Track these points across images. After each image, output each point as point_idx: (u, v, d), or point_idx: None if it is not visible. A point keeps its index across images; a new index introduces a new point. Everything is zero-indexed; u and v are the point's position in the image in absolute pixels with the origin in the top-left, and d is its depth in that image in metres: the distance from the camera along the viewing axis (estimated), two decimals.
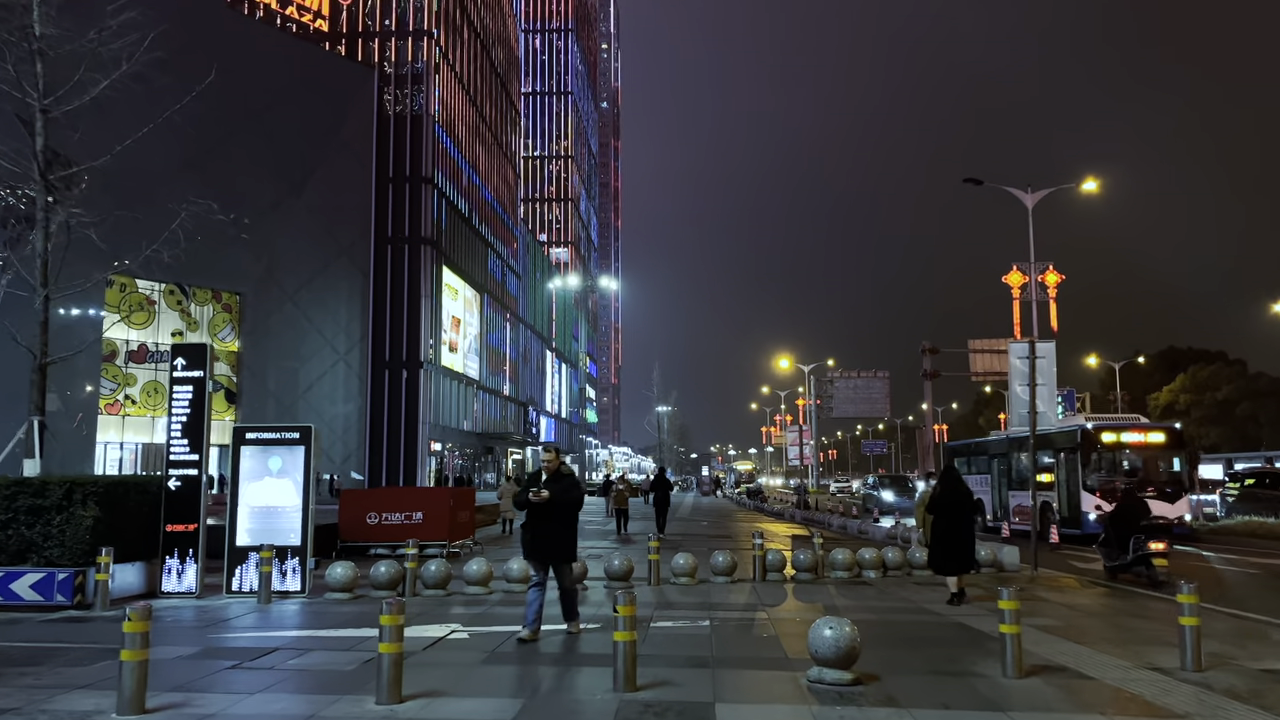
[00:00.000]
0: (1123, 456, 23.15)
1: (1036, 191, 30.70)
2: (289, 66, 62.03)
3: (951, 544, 11.58)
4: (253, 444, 11.20)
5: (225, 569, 11.06)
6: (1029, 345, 14.88)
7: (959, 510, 11.67)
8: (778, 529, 26.84)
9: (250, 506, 11.00)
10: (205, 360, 11.62)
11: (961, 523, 11.64)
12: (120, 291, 55.72)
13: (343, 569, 10.92)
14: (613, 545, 19.24)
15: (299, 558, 10.95)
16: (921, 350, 43.74)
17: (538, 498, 8.45)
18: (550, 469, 8.76)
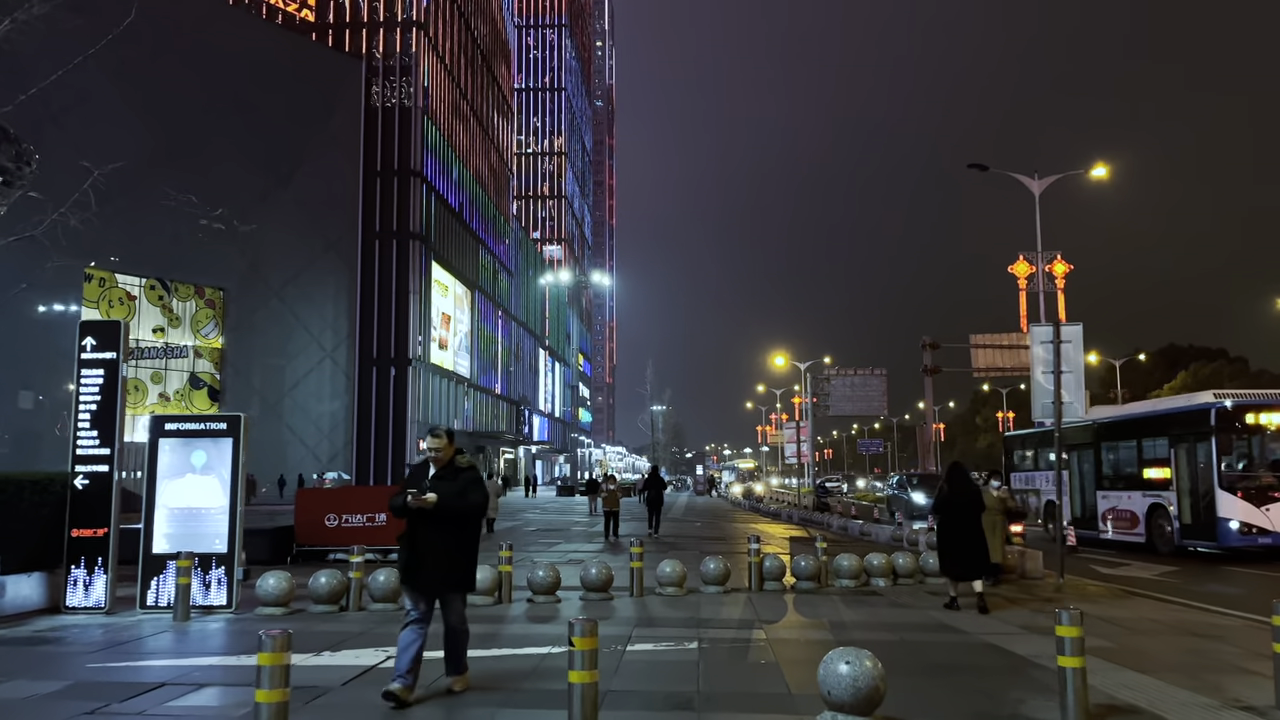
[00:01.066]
0: (1274, 443, 17.87)
1: (1044, 178, 29.36)
2: (275, 57, 60.56)
3: (962, 546, 10.69)
4: (173, 435, 9.73)
5: (139, 580, 9.58)
6: (1053, 329, 13.46)
7: (968, 510, 10.83)
8: (774, 530, 25.40)
9: (169, 508, 9.53)
10: (119, 340, 10.16)
11: (972, 524, 10.81)
12: (100, 286, 54.13)
13: (275, 580, 9.45)
14: (599, 550, 17.77)
15: (225, 567, 9.49)
16: (922, 345, 42.43)
17: (419, 503, 6.06)
18: (441, 461, 6.36)
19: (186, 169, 55.28)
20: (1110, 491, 21.04)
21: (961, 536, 10.67)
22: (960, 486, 11.01)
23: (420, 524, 6.12)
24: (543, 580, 10.35)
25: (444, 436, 6.47)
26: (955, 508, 10.83)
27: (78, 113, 50.79)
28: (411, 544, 6.19)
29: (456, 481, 6.26)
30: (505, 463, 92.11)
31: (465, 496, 6.21)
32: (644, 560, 11.23)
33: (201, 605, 9.48)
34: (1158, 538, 18.98)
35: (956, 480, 11.16)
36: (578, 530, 23.38)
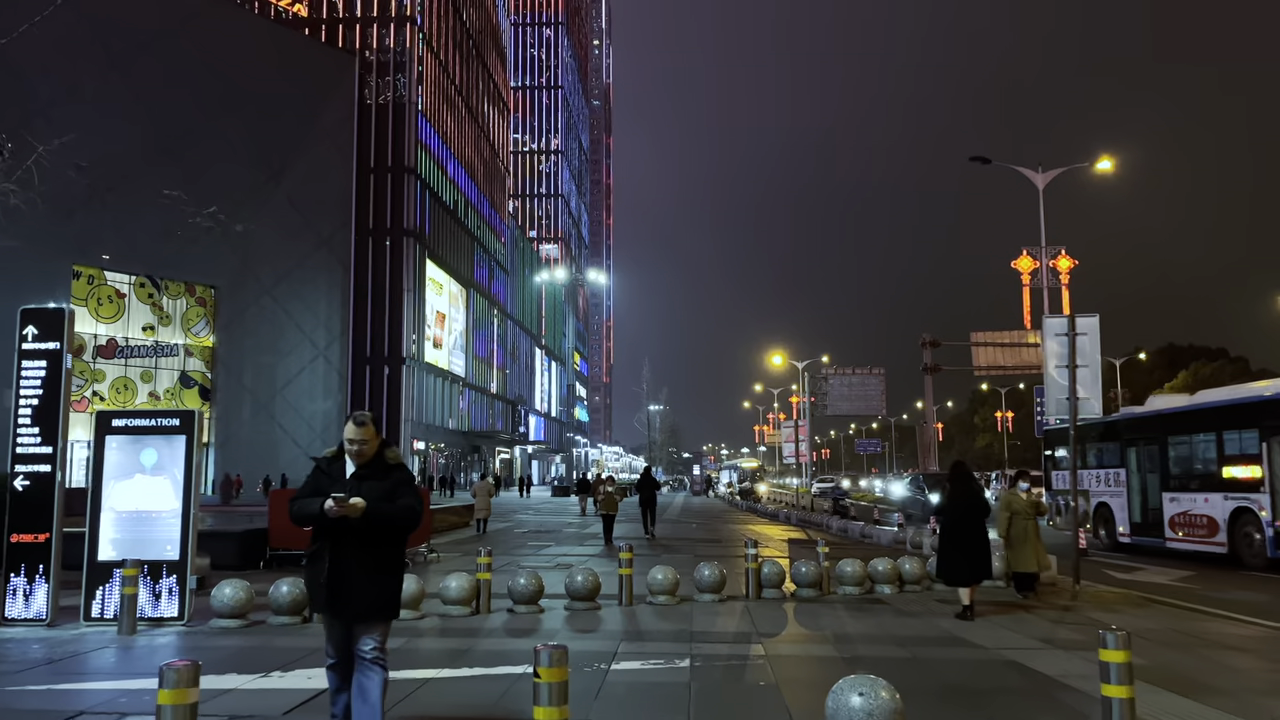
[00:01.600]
0: None
1: (1048, 171, 28.66)
2: (267, 52, 59.77)
3: (965, 550, 10.12)
4: (121, 433, 8.96)
5: (84, 589, 8.82)
6: (1068, 321, 12.74)
7: (972, 512, 10.29)
8: (772, 532, 24.67)
9: (117, 512, 8.76)
10: (62, 329, 9.39)
11: (976, 526, 10.27)
12: (88, 284, 53.39)
13: (232, 589, 8.69)
14: (593, 554, 16.98)
15: (177, 575, 8.73)
16: (921, 344, 41.77)
17: (343, 510, 4.64)
18: (364, 456, 4.92)
19: (177, 165, 54.53)
20: (1180, 493, 18.14)
21: (964, 540, 10.13)
22: (964, 487, 10.49)
23: (339, 537, 4.73)
24: (524, 589, 9.59)
25: (369, 424, 5.00)
26: (959, 509, 10.28)
27: (66, 108, 50.02)
28: (320, 561, 4.79)
29: (386, 481, 4.87)
30: (501, 462, 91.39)
31: (396, 499, 4.84)
32: (635, 566, 10.50)
33: (151, 617, 8.72)
34: (1244, 548, 16.35)
35: (960, 481, 10.58)
36: (570, 532, 22.60)
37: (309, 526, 4.86)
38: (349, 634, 4.85)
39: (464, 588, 9.35)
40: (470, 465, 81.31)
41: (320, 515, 4.67)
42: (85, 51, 50.88)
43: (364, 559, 4.74)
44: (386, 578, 4.84)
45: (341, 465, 4.93)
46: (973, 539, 10.12)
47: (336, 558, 4.73)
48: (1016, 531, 11.08)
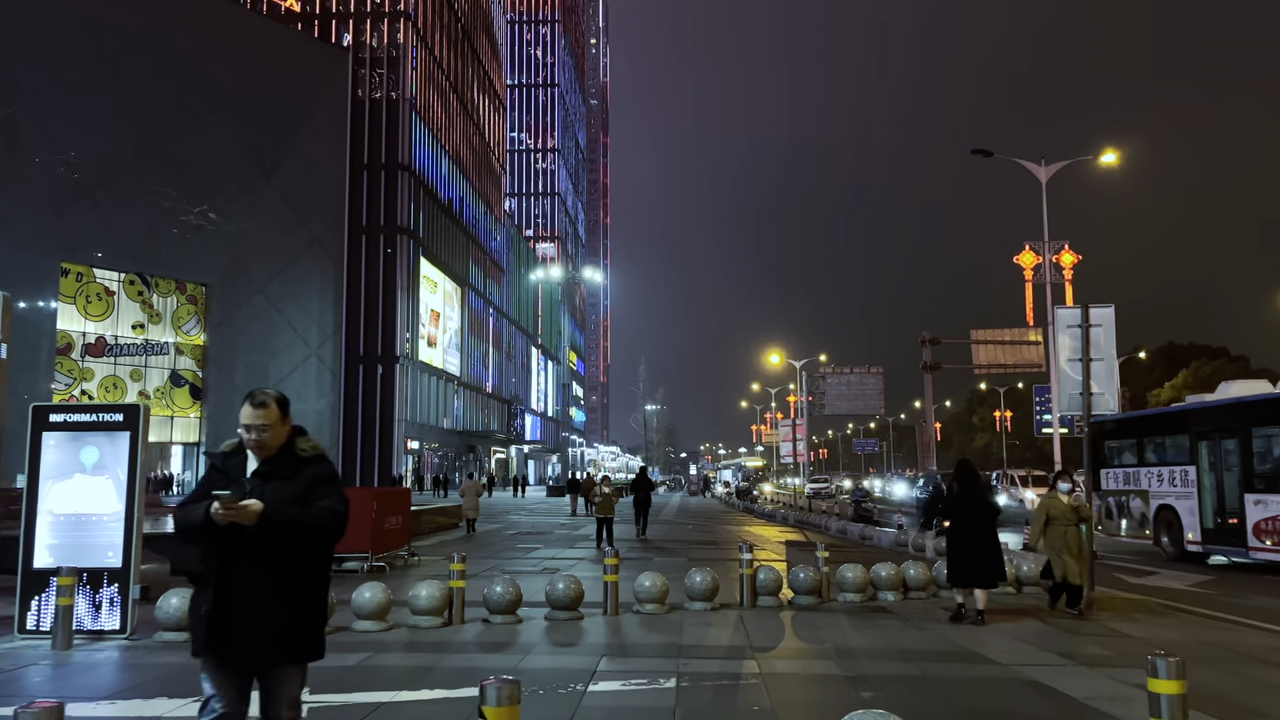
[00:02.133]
0: None
1: (1051, 164, 27.96)
2: (258, 47, 58.94)
3: (974, 551, 9.58)
4: (59, 429, 8.24)
5: (18, 599, 8.10)
6: (1081, 311, 12.04)
7: (980, 512, 9.80)
8: (769, 534, 23.97)
9: (54, 515, 8.03)
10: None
11: (985, 526, 9.76)
12: (76, 281, 52.58)
13: (179, 600, 7.96)
14: (583, 557, 16.19)
15: (119, 584, 8.01)
16: (921, 341, 41.13)
17: (231, 514, 3.50)
18: (266, 447, 3.77)
19: (167, 162, 53.81)
20: (1269, 495, 15.49)
21: (973, 540, 9.57)
22: (970, 486, 9.92)
23: (232, 551, 3.59)
24: (501, 598, 8.85)
25: (272, 406, 3.81)
26: (967, 509, 9.73)
27: (50, 101, 49.24)
28: (211, 586, 3.62)
29: (296, 480, 3.72)
30: (497, 462, 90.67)
31: (311, 504, 3.69)
32: (626, 570, 9.81)
33: (90, 630, 8.00)
34: None
35: (966, 479, 9.99)
36: (560, 534, 21.83)
37: (194, 541, 3.71)
38: (247, 677, 3.66)
39: (435, 597, 8.62)
40: (465, 465, 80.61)
41: (205, 523, 3.54)
42: (73, 47, 50.07)
43: (266, 579, 3.58)
44: (295, 602, 3.63)
45: (242, 460, 3.80)
46: (980, 541, 9.57)
47: (225, 579, 3.59)
48: (1054, 538, 10.20)
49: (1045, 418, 77.50)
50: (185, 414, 57.29)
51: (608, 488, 19.33)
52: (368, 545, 12.07)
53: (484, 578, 11.77)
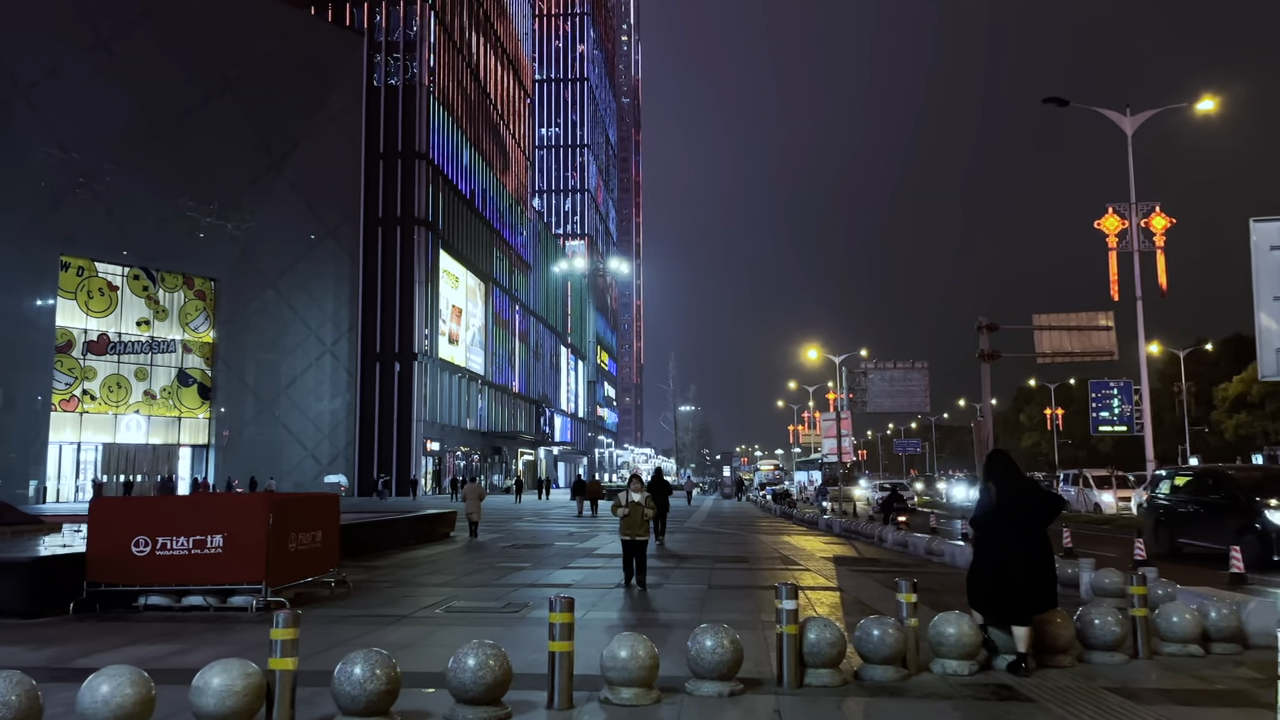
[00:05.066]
0: None
1: (1137, 115, 24.10)
2: (268, 31, 56.42)
3: (1010, 574, 6.79)
4: None
5: None
6: None
7: (1026, 520, 6.95)
8: (811, 545, 20.31)
9: None
10: None
11: (1031, 540, 6.92)
12: (77, 275, 50.17)
13: None
14: (573, 584, 12.60)
15: None
16: (977, 328, 37.32)
17: None
18: None
19: (172, 151, 51.31)
20: None
21: (1011, 559, 6.79)
22: (1011, 484, 7.03)
23: None
24: (359, 687, 4.93)
25: None
26: (1006, 516, 6.91)
27: (49, 89, 46.85)
28: None
29: None
30: (525, 464, 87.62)
31: None
32: (630, 598, 6.22)
33: None
34: None
35: (1004, 476, 7.06)
36: (560, 547, 18.30)
37: None
38: None
39: (236, 691, 4.94)
40: (491, 467, 77.62)
41: None
42: (69, 29, 47.74)
43: None
44: None
45: None
46: (1027, 559, 6.76)
47: None
48: None
49: (1103, 415, 72.91)
50: (193, 414, 54.73)
51: (637, 494, 12.22)
52: (259, 573, 8.73)
53: (424, 623, 8.38)
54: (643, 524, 11.94)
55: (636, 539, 11.86)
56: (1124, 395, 67.20)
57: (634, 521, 11.81)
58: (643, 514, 11.92)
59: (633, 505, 11.87)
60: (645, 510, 11.97)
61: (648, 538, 12.16)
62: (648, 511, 12.03)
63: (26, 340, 46.47)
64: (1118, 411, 72.27)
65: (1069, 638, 6.81)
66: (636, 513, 11.84)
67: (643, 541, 11.95)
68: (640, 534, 11.87)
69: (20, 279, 46.28)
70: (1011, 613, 6.63)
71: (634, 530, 11.82)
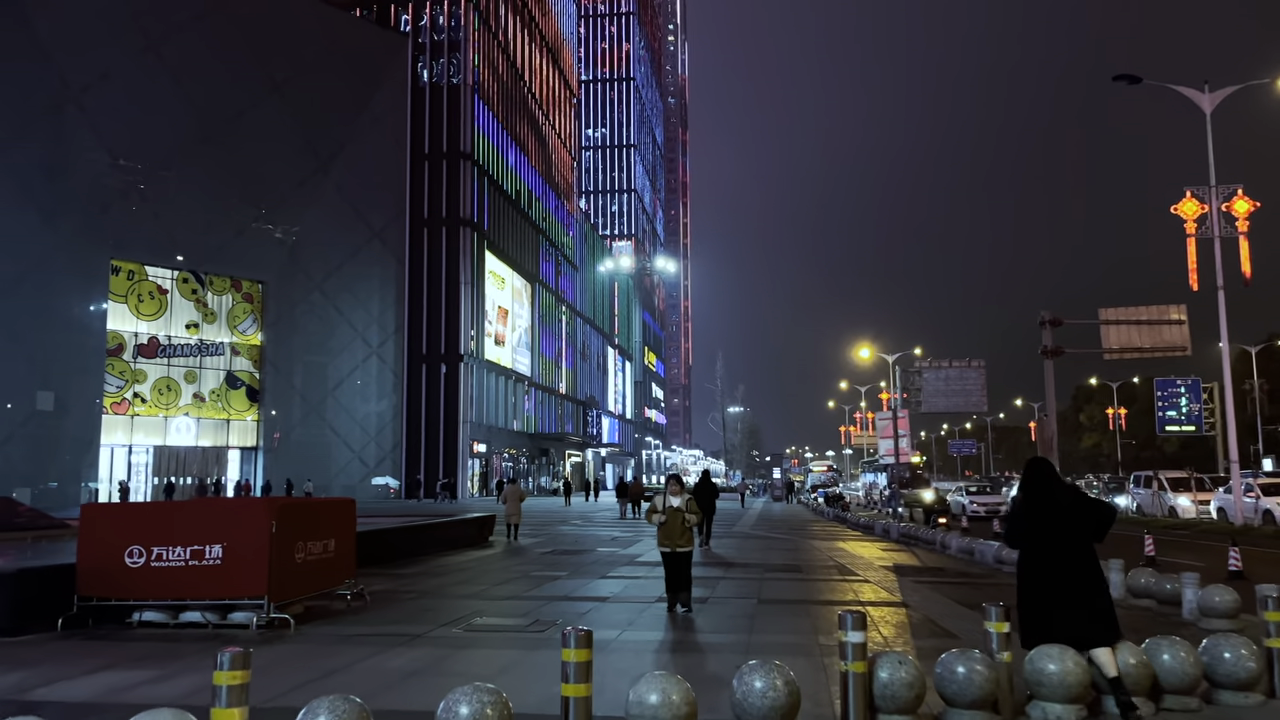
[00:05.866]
0: None
1: (1217, 91, 22.51)
2: (315, 34, 56.47)
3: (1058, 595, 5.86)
4: None
5: None
6: None
7: (1067, 533, 5.99)
8: (868, 551, 19.12)
9: None
10: None
11: (1075, 554, 5.95)
12: (128, 279, 50.53)
13: None
14: (610, 598, 11.59)
15: None
16: (1040, 323, 35.84)
17: None
18: None
19: (218, 154, 51.45)
20: None
21: (1057, 578, 5.88)
22: (1044, 491, 6.13)
23: None
24: None
25: None
26: (1044, 530, 5.99)
27: (99, 93, 47.18)
28: None
29: None
30: (572, 466, 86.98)
31: None
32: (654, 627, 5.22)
33: None
34: None
35: (1041, 483, 6.17)
36: (602, 553, 17.31)
37: None
38: None
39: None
40: (539, 469, 77.11)
41: None
42: (120, 32, 48.09)
43: None
44: None
45: None
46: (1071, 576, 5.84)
47: None
48: None
49: (1169, 414, 70.18)
50: (241, 417, 54.86)
51: (677, 498, 10.35)
52: (261, 587, 7.90)
53: (435, 645, 7.47)
54: (684, 532, 10.16)
55: (678, 550, 10.12)
56: (1192, 394, 64.50)
57: (673, 530, 10.11)
58: (683, 521, 10.13)
59: (671, 511, 10.18)
60: (687, 516, 10.18)
61: (691, 548, 10.36)
62: (690, 518, 10.20)
63: (78, 344, 46.84)
64: (1185, 411, 69.45)
65: (1194, 675, 5.63)
66: (676, 520, 10.15)
67: (685, 554, 10.22)
68: (682, 544, 10.15)
69: (72, 283, 46.66)
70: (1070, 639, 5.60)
71: (674, 540, 10.10)
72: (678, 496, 10.31)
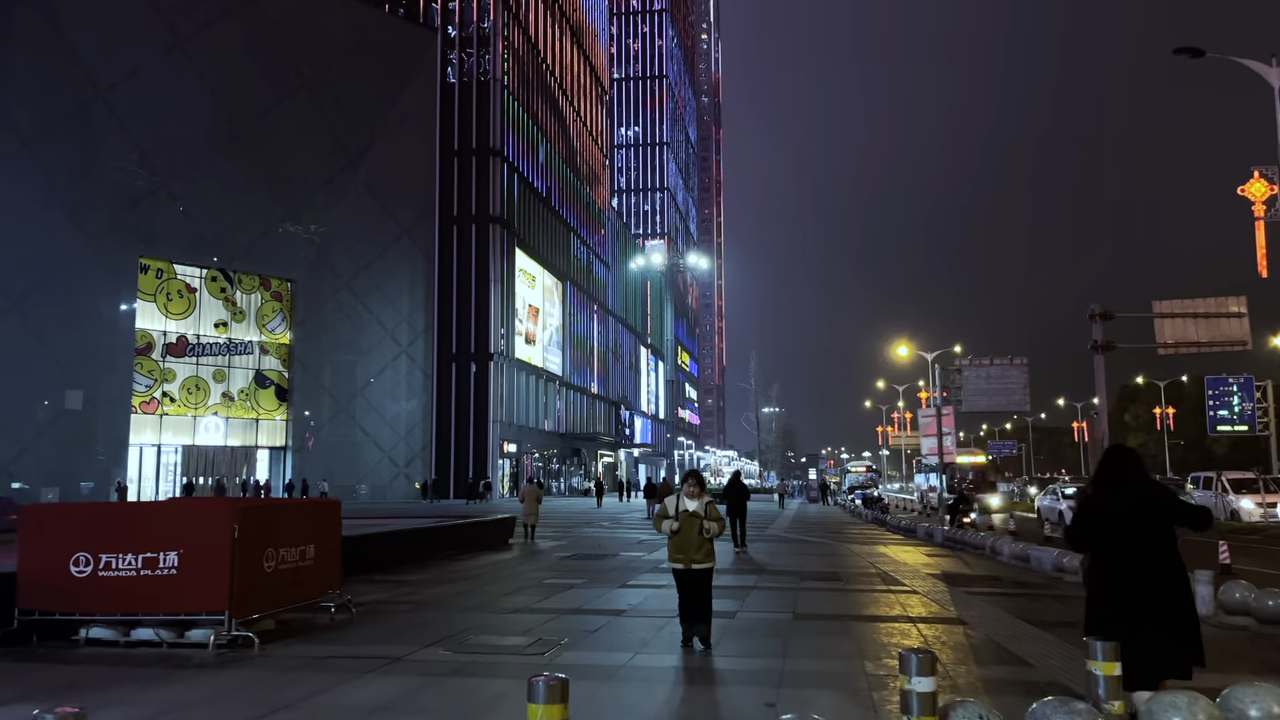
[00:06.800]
0: None
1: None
2: (343, 29, 55.95)
3: (1141, 610, 4.86)
4: None
5: None
6: None
7: (1150, 534, 4.97)
8: (910, 557, 17.79)
9: None
10: None
11: (1160, 559, 4.94)
12: (156, 278, 50.23)
13: None
14: (627, 610, 10.43)
15: None
16: (1090, 316, 34.09)
17: None
18: None
19: (249, 152, 51.06)
20: None
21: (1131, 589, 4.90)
22: (1122, 486, 5.10)
23: None
24: None
25: None
26: (1118, 531, 4.98)
27: (127, 90, 46.90)
28: None
29: None
30: (604, 466, 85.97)
31: None
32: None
33: None
34: None
35: (1120, 476, 5.17)
36: (626, 558, 16.14)
37: None
38: None
39: None
40: (571, 469, 76.19)
41: None
42: (147, 29, 47.79)
43: None
44: None
45: None
46: (1156, 586, 4.87)
47: None
48: None
49: (1220, 414, 67.74)
50: (270, 416, 54.40)
51: (694, 501, 7.96)
52: (221, 600, 6.83)
53: (412, 672, 6.37)
54: (702, 544, 7.75)
55: (693, 566, 7.71)
56: (1244, 392, 62.07)
57: (688, 541, 7.70)
58: (701, 529, 7.71)
59: (685, 517, 7.73)
60: (705, 524, 7.73)
61: (711, 564, 7.87)
62: (709, 527, 7.75)
63: (106, 343, 46.59)
64: (1238, 410, 66.98)
65: None
66: (691, 528, 7.69)
67: (703, 572, 7.77)
68: (698, 559, 7.73)
69: (100, 281, 46.40)
70: (1155, 667, 4.62)
71: (688, 553, 7.71)
72: (695, 499, 7.90)
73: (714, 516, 7.87)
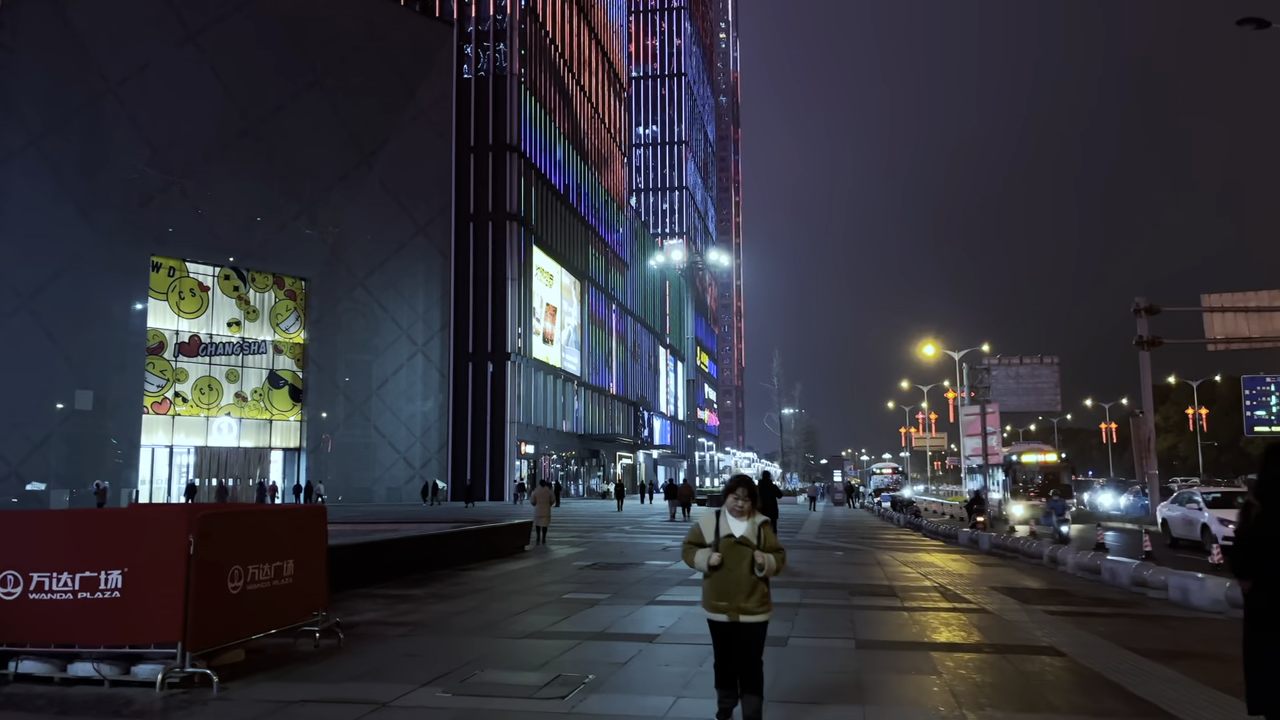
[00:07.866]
0: None
1: None
2: (357, 24, 54.93)
3: None
4: None
5: None
6: None
7: None
8: (964, 568, 16.33)
9: None
10: None
11: None
12: (168, 276, 49.34)
13: None
14: (657, 635, 9.11)
15: None
16: (1135, 311, 32.73)
17: None
18: None
19: (262, 148, 50.13)
20: None
21: None
22: None
23: None
24: None
25: None
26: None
27: (138, 85, 46.02)
28: None
29: None
30: (623, 468, 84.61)
31: None
32: None
33: None
34: None
35: None
36: (653, 567, 14.77)
37: None
38: None
39: None
40: (589, 471, 74.88)
41: None
42: (159, 24, 46.93)
43: None
44: None
45: None
46: None
47: None
48: None
49: (1258, 414, 65.77)
50: (284, 417, 53.42)
51: (742, 521, 5.23)
52: (173, 629, 5.55)
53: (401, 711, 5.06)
54: (755, 587, 5.17)
55: (741, 619, 5.15)
56: None
57: (733, 582, 5.17)
58: (752, 566, 5.13)
59: (730, 546, 5.18)
60: (757, 558, 5.13)
61: (765, 616, 5.24)
62: (765, 561, 5.13)
63: (117, 342, 45.73)
64: (1276, 410, 65.03)
65: None
66: (740, 562, 5.16)
67: (754, 626, 5.18)
68: (749, 607, 5.15)
69: (111, 280, 45.52)
70: None
71: (734, 600, 5.17)
72: (744, 519, 5.23)
73: (771, 545, 5.20)
